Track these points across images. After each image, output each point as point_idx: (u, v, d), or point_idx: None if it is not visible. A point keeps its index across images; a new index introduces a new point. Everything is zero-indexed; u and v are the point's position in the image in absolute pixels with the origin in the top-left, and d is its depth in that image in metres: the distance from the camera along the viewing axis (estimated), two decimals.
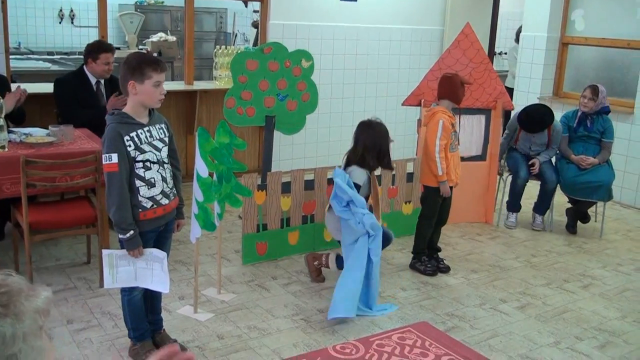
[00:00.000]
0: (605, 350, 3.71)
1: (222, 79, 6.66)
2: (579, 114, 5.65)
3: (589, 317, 4.13)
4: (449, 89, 4.54)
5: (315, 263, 4.39)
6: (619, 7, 6.93)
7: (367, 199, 4.15)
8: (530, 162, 5.70)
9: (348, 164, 4.15)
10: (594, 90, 5.53)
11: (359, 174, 4.08)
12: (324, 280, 4.41)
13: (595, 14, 7.09)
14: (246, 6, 10.20)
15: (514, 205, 5.83)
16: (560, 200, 5.90)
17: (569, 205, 5.87)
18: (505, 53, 9.91)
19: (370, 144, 4.09)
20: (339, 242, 4.16)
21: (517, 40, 8.52)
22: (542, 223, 5.77)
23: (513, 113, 5.99)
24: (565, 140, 5.70)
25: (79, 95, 5.04)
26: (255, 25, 8.68)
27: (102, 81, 5.17)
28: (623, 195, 6.65)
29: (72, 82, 5.08)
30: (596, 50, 7.15)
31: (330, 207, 4.09)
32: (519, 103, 7.15)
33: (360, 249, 3.87)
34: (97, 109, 4.96)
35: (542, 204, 5.77)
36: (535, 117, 5.54)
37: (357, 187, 4.01)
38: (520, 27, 7.93)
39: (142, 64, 2.99)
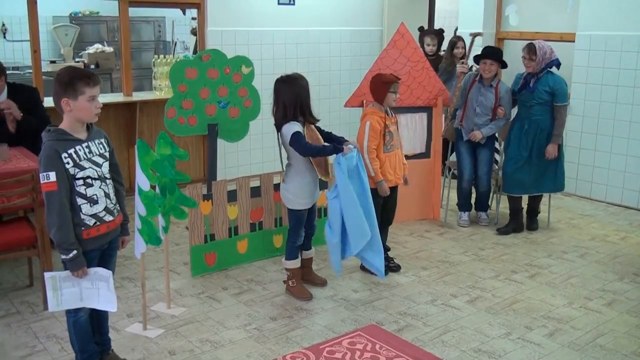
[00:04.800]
0: (555, 338, 3.79)
1: (162, 89, 6.55)
2: (525, 74, 5.41)
3: (537, 306, 4.22)
4: (373, 90, 4.54)
5: (290, 282, 4.34)
6: (551, 2, 7.13)
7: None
8: (470, 134, 5.59)
9: (279, 126, 4.11)
10: (530, 48, 5.24)
11: (293, 125, 4.04)
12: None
13: (528, 9, 7.27)
14: (184, 14, 10.07)
15: (464, 205, 5.85)
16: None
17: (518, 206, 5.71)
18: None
19: (289, 100, 4.08)
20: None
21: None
22: (487, 218, 5.84)
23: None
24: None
25: None
26: (194, 32, 8.58)
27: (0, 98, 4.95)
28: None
29: None
30: None
31: (284, 179, 4.23)
32: None
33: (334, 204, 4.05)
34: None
35: (482, 202, 5.82)
36: (490, 47, 5.69)
37: (300, 133, 4.00)
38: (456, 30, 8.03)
39: (74, 80, 2.91)
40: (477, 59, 5.61)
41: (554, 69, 5.39)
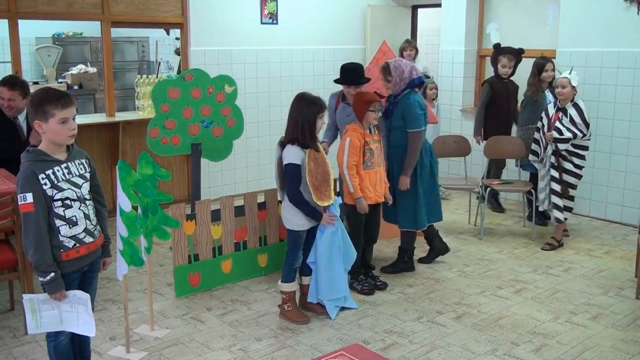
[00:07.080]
0: (541, 353, 3.78)
1: (144, 109, 6.53)
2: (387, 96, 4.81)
3: (523, 321, 4.21)
4: (354, 108, 4.54)
5: (286, 306, 4.23)
6: (530, 19, 7.20)
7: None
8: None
9: (284, 144, 4.04)
10: (385, 68, 4.73)
11: (293, 153, 3.96)
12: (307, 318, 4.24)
13: (509, 26, 7.34)
14: (168, 34, 10.08)
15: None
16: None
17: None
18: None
19: (292, 118, 4.04)
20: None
21: None
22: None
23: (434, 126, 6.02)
24: None
25: None
26: (178, 52, 8.59)
27: (20, 116, 4.98)
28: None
29: None
30: None
31: (285, 198, 4.12)
32: (443, 116, 7.31)
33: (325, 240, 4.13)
34: (16, 143, 4.80)
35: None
36: (344, 69, 4.95)
37: (295, 166, 3.94)
38: None
39: (44, 102, 2.87)
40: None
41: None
